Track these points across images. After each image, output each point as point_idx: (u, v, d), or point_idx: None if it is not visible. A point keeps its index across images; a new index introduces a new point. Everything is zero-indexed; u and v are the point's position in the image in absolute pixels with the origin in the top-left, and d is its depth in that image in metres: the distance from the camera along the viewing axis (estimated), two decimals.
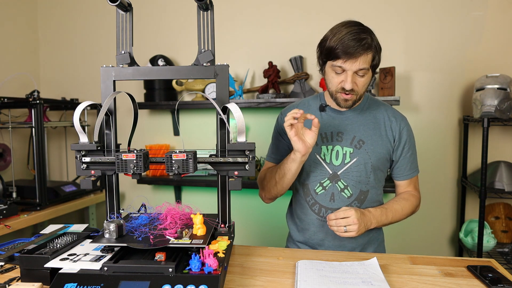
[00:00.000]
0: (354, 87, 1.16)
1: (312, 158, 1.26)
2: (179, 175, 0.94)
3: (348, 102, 1.20)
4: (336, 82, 1.18)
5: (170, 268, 0.81)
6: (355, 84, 1.16)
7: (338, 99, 1.21)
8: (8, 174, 2.20)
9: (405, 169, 1.30)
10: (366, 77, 1.17)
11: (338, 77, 1.17)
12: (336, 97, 1.21)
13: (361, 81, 1.17)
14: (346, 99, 1.19)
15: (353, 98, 1.19)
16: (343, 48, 1.11)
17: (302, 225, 1.32)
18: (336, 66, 1.15)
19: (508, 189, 1.87)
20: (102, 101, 1.03)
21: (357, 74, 1.15)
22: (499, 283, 0.90)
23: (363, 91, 1.21)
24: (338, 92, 1.19)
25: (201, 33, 1.04)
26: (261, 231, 2.32)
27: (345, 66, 1.13)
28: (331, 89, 1.21)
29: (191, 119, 2.41)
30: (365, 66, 1.13)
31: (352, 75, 1.14)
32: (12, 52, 2.44)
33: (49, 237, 1.08)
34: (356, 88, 1.17)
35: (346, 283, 0.88)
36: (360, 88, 1.18)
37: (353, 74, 1.14)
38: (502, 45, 2.02)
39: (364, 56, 1.12)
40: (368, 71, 1.17)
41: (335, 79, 1.18)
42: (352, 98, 1.19)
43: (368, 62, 1.14)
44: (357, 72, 1.14)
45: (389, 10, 2.11)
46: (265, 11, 2.26)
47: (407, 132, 1.28)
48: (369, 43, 1.13)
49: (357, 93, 1.18)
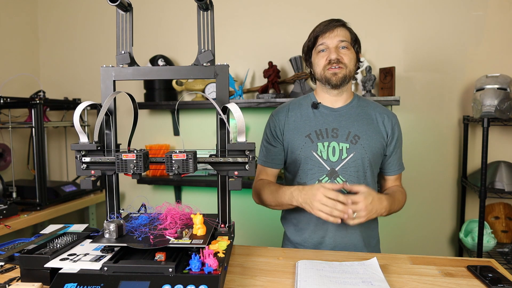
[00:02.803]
0: (341, 59, 1.22)
1: (309, 155, 1.26)
2: (179, 175, 0.94)
3: (338, 76, 1.23)
4: (322, 61, 1.25)
5: (170, 268, 0.81)
6: (341, 57, 1.23)
7: (327, 75, 1.25)
8: (8, 174, 2.20)
9: (395, 164, 1.34)
10: (350, 52, 1.25)
11: (323, 56, 1.25)
12: (325, 75, 1.25)
13: (346, 54, 1.24)
14: (335, 72, 1.23)
15: (343, 72, 1.24)
16: (319, 29, 1.25)
17: (300, 225, 1.31)
18: (318, 46, 1.25)
19: (508, 189, 1.87)
20: (102, 101, 1.03)
21: (341, 49, 1.23)
22: (499, 283, 0.90)
23: (352, 68, 1.26)
24: (326, 69, 1.24)
25: (201, 33, 1.04)
26: (261, 231, 2.32)
27: (326, 41, 1.24)
28: (319, 70, 1.26)
29: (191, 119, 2.41)
30: (344, 38, 1.23)
31: (334, 47, 1.23)
32: (12, 52, 2.44)
33: (49, 237, 1.08)
34: (343, 61, 1.23)
35: (346, 283, 0.88)
36: (348, 61, 1.24)
37: (336, 48, 1.23)
38: (502, 45, 2.02)
39: (340, 29, 1.24)
40: (350, 46, 1.25)
41: (321, 59, 1.25)
42: (341, 71, 1.23)
43: (347, 37, 1.24)
44: (339, 46, 1.23)
45: (389, 10, 2.11)
46: (265, 11, 2.26)
47: (398, 129, 1.33)
48: (342, 21, 1.26)
49: (345, 65, 1.23)
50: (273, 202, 1.27)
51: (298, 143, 1.28)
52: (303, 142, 1.27)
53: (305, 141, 1.27)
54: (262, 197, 1.32)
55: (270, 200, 1.28)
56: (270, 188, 1.29)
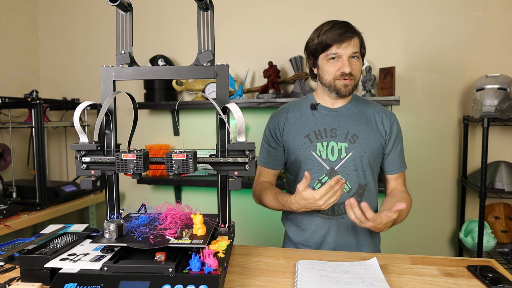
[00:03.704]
0: (352, 71, 1.21)
1: (308, 155, 1.27)
2: (179, 175, 0.94)
3: (348, 88, 1.24)
4: (333, 70, 1.23)
5: (170, 268, 0.81)
6: (352, 68, 1.21)
7: (338, 86, 1.24)
8: (8, 174, 2.20)
9: (395, 163, 1.33)
10: (359, 62, 1.24)
11: (334, 64, 1.22)
12: (335, 85, 1.24)
13: (357, 65, 1.23)
14: (346, 84, 1.23)
15: (352, 83, 1.24)
16: (333, 36, 1.19)
17: (302, 225, 1.31)
18: (330, 54, 1.21)
19: (508, 189, 1.87)
20: (102, 101, 1.03)
21: (351, 58, 1.21)
22: (499, 283, 0.90)
23: (358, 77, 1.26)
24: (337, 79, 1.23)
25: (201, 33, 1.04)
26: (261, 231, 2.32)
27: (340, 51, 1.20)
28: (329, 78, 1.25)
29: (191, 119, 2.41)
30: (357, 49, 1.21)
31: (348, 58, 1.20)
32: (12, 52, 2.44)
33: (49, 237, 1.08)
34: (354, 72, 1.22)
35: (346, 283, 0.88)
36: (357, 73, 1.24)
37: (349, 59, 1.21)
38: (502, 45, 2.02)
39: (355, 39, 1.21)
40: (360, 55, 1.24)
41: (332, 67, 1.23)
42: (351, 83, 1.23)
43: (358, 46, 1.23)
44: (351, 56, 1.21)
45: (389, 10, 2.11)
46: (265, 11, 2.26)
47: (396, 127, 1.32)
48: (354, 29, 1.23)
49: (354, 77, 1.23)
50: (273, 207, 1.30)
51: (297, 143, 1.29)
52: (302, 143, 1.28)
53: (304, 141, 1.28)
54: (262, 201, 1.34)
55: (270, 205, 1.30)
56: (268, 196, 1.29)
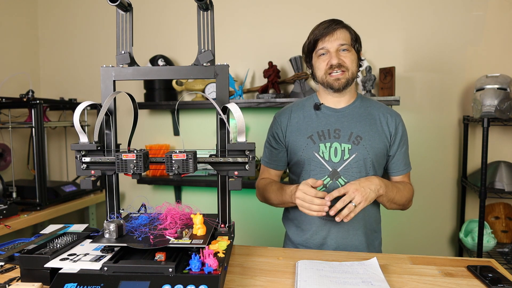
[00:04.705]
0: (342, 63, 1.21)
1: (311, 156, 1.26)
2: (179, 175, 0.94)
3: (341, 81, 1.22)
4: (323, 65, 1.23)
5: (170, 268, 0.81)
6: (343, 60, 1.21)
7: (329, 80, 1.24)
8: (8, 174, 2.20)
9: (400, 164, 1.31)
10: (351, 54, 1.23)
11: (323, 59, 1.23)
12: (327, 80, 1.24)
13: (347, 56, 1.22)
14: (338, 77, 1.22)
15: (345, 76, 1.22)
16: (319, 32, 1.23)
17: (303, 225, 1.31)
18: (319, 50, 1.23)
19: (508, 189, 1.87)
20: (102, 101, 1.03)
21: (341, 51, 1.22)
22: (499, 283, 0.90)
23: (354, 69, 1.24)
24: (327, 73, 1.23)
25: (201, 33, 1.04)
26: (261, 231, 2.32)
27: (326, 45, 1.22)
28: (321, 74, 1.25)
29: (191, 119, 2.41)
30: (344, 41, 1.21)
31: (335, 51, 1.21)
32: (12, 52, 2.44)
33: (49, 237, 1.08)
34: (345, 64, 1.21)
35: (346, 283, 0.88)
36: (349, 64, 1.22)
37: (337, 51, 1.21)
38: (502, 45, 2.02)
39: (340, 31, 1.21)
40: (351, 48, 1.23)
41: (322, 63, 1.24)
42: (344, 75, 1.22)
43: (347, 39, 1.22)
44: (339, 50, 1.21)
45: (389, 10, 2.11)
46: (265, 11, 2.26)
47: (402, 128, 1.31)
48: (342, 22, 1.24)
49: (347, 69, 1.22)
50: (276, 200, 1.29)
51: (300, 144, 1.28)
52: (305, 144, 1.27)
53: (307, 142, 1.27)
54: (265, 195, 1.33)
55: (273, 198, 1.29)
56: (273, 187, 1.30)
